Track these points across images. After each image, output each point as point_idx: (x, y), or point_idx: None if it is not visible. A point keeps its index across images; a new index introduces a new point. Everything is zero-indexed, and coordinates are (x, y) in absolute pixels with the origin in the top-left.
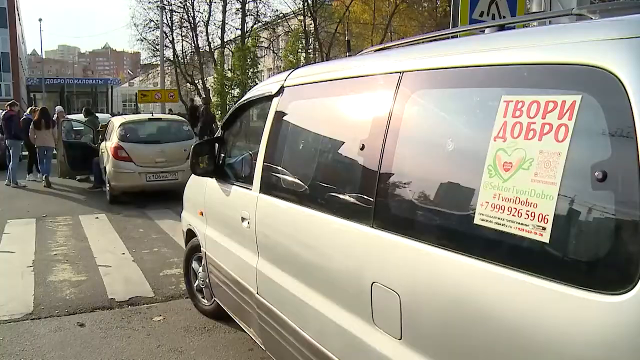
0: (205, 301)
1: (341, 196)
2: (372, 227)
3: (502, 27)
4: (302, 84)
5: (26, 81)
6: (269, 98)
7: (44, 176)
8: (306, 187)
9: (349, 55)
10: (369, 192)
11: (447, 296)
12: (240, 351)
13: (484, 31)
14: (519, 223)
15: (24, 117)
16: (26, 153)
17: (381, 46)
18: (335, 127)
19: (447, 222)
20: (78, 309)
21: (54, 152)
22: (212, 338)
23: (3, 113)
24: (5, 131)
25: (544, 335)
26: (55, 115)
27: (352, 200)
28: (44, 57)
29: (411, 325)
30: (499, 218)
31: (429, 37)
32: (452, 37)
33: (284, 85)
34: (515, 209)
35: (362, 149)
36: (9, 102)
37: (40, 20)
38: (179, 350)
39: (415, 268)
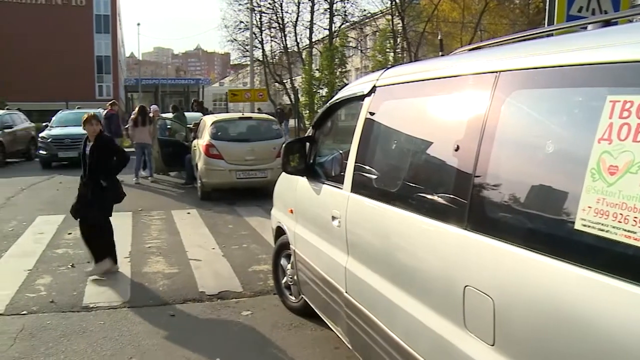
0: (293, 298)
1: (434, 197)
2: (466, 229)
3: (606, 23)
4: (394, 84)
5: (124, 82)
6: (361, 98)
7: (145, 172)
8: (398, 187)
9: (441, 55)
10: (463, 194)
11: (545, 303)
12: (327, 349)
13: (586, 28)
14: (625, 230)
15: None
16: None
17: (475, 45)
18: (429, 127)
19: (546, 226)
20: (170, 300)
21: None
22: (299, 335)
23: (105, 112)
24: (106, 129)
25: None
26: (151, 114)
27: (445, 201)
28: (140, 58)
29: (505, 332)
30: (602, 224)
31: (526, 36)
32: (548, 35)
33: (376, 85)
34: (622, 214)
35: (456, 150)
36: (110, 102)
37: (138, 24)
38: (266, 345)
39: (510, 273)
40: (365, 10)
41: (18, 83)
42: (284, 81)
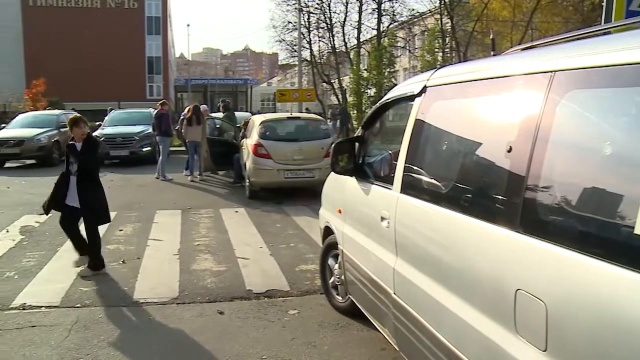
0: (340, 298)
1: (486, 199)
2: (519, 232)
3: None
4: (445, 84)
5: (174, 82)
6: (411, 98)
7: (195, 171)
8: (449, 188)
9: (493, 55)
10: (516, 196)
11: (601, 310)
12: (373, 350)
13: None
14: None
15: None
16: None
17: (528, 44)
18: (480, 128)
19: (603, 230)
20: (218, 298)
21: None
22: (345, 335)
23: (155, 112)
24: (156, 128)
25: None
26: None
27: (497, 203)
28: (190, 59)
29: (558, 337)
30: None
31: (582, 34)
32: (605, 33)
33: (427, 85)
34: None
35: (509, 151)
36: (160, 102)
37: (188, 25)
38: (312, 344)
39: (565, 277)
40: (413, 9)
41: (73, 84)
42: (332, 81)
